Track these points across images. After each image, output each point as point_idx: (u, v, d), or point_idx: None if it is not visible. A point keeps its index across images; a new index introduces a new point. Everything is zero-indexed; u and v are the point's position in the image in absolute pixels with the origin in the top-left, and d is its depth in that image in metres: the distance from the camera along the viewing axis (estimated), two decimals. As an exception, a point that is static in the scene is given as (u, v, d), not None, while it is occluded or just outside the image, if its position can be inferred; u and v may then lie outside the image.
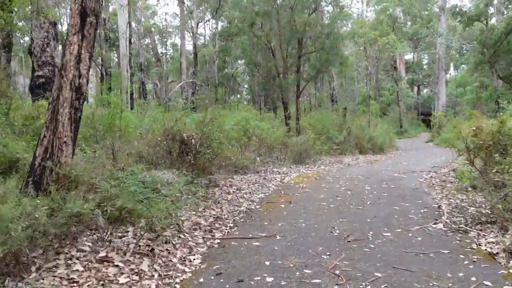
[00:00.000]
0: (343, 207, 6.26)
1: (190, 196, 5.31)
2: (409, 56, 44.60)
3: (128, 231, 4.35)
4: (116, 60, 34.57)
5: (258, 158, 11.84)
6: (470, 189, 7.12)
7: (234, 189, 7.52)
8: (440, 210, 5.94)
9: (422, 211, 5.92)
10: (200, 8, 33.03)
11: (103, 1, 28.02)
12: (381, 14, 25.17)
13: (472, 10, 28.91)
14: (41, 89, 9.86)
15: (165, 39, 44.58)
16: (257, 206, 6.38)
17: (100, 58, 25.71)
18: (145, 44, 42.84)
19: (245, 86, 43.03)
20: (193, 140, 6.74)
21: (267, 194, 7.42)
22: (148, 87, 48.55)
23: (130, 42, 24.56)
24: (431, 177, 9.19)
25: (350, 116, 19.02)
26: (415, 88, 43.66)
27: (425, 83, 41.73)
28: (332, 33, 16.41)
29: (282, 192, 7.59)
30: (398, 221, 5.37)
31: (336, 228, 5.06)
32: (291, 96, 19.07)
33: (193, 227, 5.05)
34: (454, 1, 27.39)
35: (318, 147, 13.09)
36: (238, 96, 51.86)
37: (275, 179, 9.14)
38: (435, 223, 5.23)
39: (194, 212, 5.70)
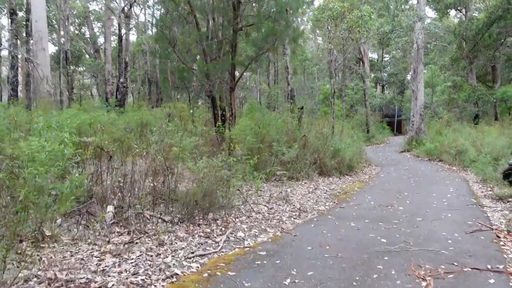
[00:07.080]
0: None
1: None
2: (372, 55, 39.26)
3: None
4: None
5: (110, 208, 5.23)
6: None
7: None
8: None
9: None
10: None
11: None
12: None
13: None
14: None
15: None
16: None
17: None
18: (81, 32, 35.54)
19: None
20: None
21: None
22: (88, 81, 41.09)
23: (12, 15, 17.13)
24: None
25: (307, 119, 12.66)
26: (379, 88, 38.27)
27: (389, 83, 36.20)
28: (281, -9, 9.95)
29: None
30: None
31: None
32: (225, 89, 12.49)
33: None
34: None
35: (241, 179, 6.52)
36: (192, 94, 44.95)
37: None
38: None
39: None
